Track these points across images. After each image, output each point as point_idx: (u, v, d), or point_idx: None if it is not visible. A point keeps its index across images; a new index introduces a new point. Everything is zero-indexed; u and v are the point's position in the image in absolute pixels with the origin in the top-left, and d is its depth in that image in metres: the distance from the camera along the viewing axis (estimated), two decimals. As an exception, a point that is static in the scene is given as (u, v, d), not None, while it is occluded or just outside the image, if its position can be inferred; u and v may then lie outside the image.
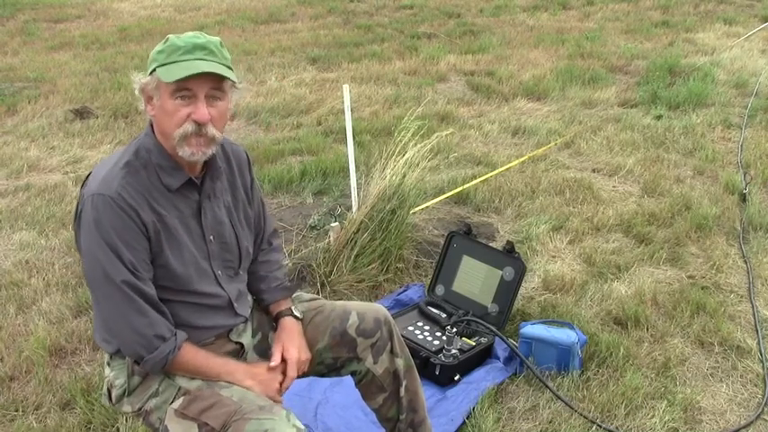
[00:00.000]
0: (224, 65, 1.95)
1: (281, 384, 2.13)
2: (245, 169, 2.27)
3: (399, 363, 2.34)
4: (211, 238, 2.10)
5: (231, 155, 2.22)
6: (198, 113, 1.92)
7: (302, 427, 1.90)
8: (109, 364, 2.09)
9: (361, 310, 2.33)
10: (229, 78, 1.95)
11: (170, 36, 1.95)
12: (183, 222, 2.03)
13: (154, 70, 1.92)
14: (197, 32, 1.97)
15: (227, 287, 2.15)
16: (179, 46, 1.91)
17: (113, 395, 2.08)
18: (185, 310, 2.05)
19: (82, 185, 2.01)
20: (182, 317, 2.04)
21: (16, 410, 2.92)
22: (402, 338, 2.38)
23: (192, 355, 2.01)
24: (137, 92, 2.00)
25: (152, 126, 2.03)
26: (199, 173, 2.08)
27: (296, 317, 2.29)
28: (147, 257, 1.95)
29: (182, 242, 2.02)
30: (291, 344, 2.20)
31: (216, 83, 1.94)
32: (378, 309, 2.35)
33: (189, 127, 1.92)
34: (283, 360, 2.17)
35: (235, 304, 2.16)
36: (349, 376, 2.39)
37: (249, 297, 2.30)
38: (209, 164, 2.08)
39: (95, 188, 1.92)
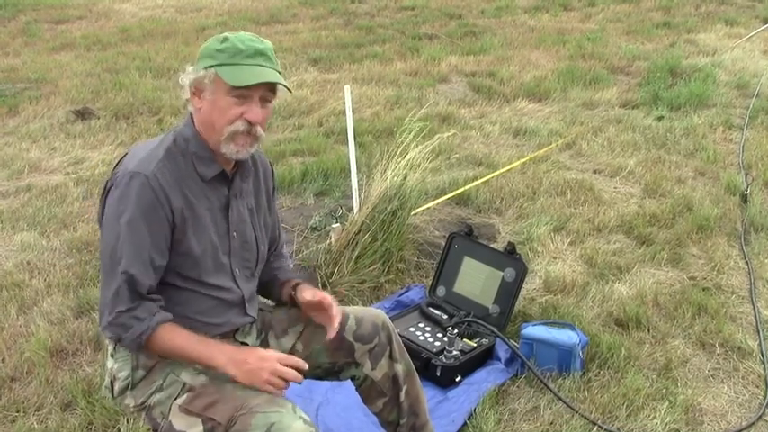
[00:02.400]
0: (279, 72, 2.04)
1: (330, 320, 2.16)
2: (269, 177, 2.33)
3: (399, 368, 2.34)
4: (234, 234, 2.14)
5: (258, 161, 2.29)
6: (251, 114, 2.00)
7: (308, 418, 1.89)
8: (113, 356, 2.10)
9: (359, 315, 2.33)
10: (287, 88, 2.04)
11: (228, 35, 2.02)
12: (211, 213, 2.08)
13: (211, 66, 1.98)
14: (253, 35, 2.05)
15: (243, 285, 2.17)
16: (241, 49, 1.98)
17: (116, 388, 2.08)
18: (199, 302, 2.07)
19: (116, 165, 2.06)
20: (194, 309, 2.06)
21: (17, 411, 2.92)
22: (402, 343, 2.38)
23: (171, 335, 1.96)
24: (186, 83, 2.05)
25: (191, 118, 2.09)
26: (231, 169, 2.13)
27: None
28: (164, 244, 1.98)
29: (207, 233, 2.06)
30: (322, 292, 2.23)
31: (271, 87, 2.03)
32: (377, 314, 2.35)
33: (240, 125, 2.00)
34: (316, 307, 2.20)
35: (246, 304, 2.18)
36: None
37: (256, 300, 2.30)
38: (240, 163, 2.14)
39: (133, 167, 1.97)
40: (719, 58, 8.40)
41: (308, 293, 2.22)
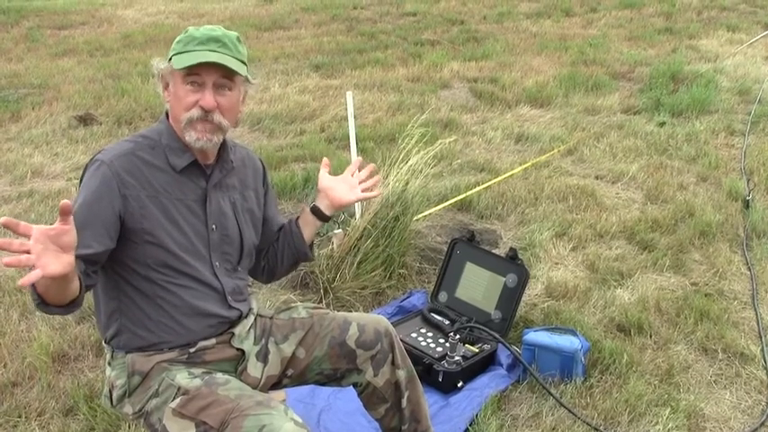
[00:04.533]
0: (236, 58, 2.02)
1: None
2: (259, 177, 2.33)
3: (401, 374, 2.33)
4: (213, 227, 2.13)
5: (246, 159, 2.29)
6: (204, 100, 2.00)
7: (300, 420, 1.89)
8: (110, 364, 2.10)
9: (361, 321, 2.32)
10: (237, 72, 2.01)
11: (189, 27, 2.05)
12: (184, 205, 2.07)
13: (171, 58, 2.02)
14: (216, 26, 2.06)
15: (223, 279, 2.15)
16: (195, 37, 2.01)
17: (114, 396, 2.08)
18: (180, 292, 2.06)
19: None
20: (177, 299, 2.05)
21: (19, 416, 2.92)
22: (404, 350, 2.38)
23: None
24: (156, 78, 2.09)
25: (167, 114, 2.12)
26: (210, 163, 2.13)
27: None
28: (106, 228, 1.94)
29: (178, 224, 2.05)
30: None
31: (225, 73, 2.02)
32: (379, 320, 2.35)
33: (195, 112, 2.01)
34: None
35: (228, 297, 2.16)
36: (351, 385, 2.39)
37: (252, 301, 2.30)
38: (220, 156, 2.15)
39: (97, 156, 2.04)
40: (721, 63, 8.41)
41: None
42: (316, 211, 2.36)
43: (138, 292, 2.03)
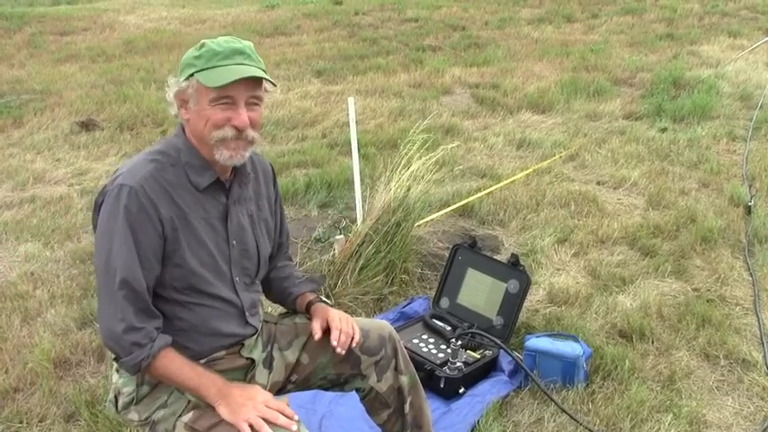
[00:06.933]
0: (261, 69, 1.99)
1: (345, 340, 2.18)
2: (269, 181, 2.30)
3: (404, 380, 2.33)
4: (234, 242, 2.10)
5: (258, 165, 2.25)
6: (239, 120, 1.95)
7: None
8: (118, 371, 2.08)
9: (365, 327, 2.31)
10: (271, 82, 2.00)
11: (205, 41, 1.99)
12: (208, 223, 2.04)
13: (191, 75, 1.95)
14: (230, 37, 2.01)
15: (242, 295, 2.14)
16: (218, 51, 1.94)
17: (120, 403, 2.07)
18: (201, 312, 2.04)
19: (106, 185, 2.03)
20: (197, 319, 2.03)
21: (20, 422, 2.92)
22: (407, 355, 2.37)
23: (166, 362, 1.93)
24: (170, 96, 2.02)
25: (182, 128, 2.06)
26: (228, 177, 2.10)
27: (326, 302, 2.31)
28: (155, 255, 1.94)
29: (203, 243, 2.02)
30: (330, 313, 2.23)
31: (254, 89, 1.99)
32: (383, 326, 2.35)
33: (229, 132, 1.95)
34: (327, 331, 2.19)
35: (246, 313, 2.15)
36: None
37: (261, 311, 2.30)
38: (237, 169, 2.10)
39: (120, 180, 1.93)
40: (723, 69, 8.41)
41: (316, 324, 2.21)
42: (307, 309, 2.33)
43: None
